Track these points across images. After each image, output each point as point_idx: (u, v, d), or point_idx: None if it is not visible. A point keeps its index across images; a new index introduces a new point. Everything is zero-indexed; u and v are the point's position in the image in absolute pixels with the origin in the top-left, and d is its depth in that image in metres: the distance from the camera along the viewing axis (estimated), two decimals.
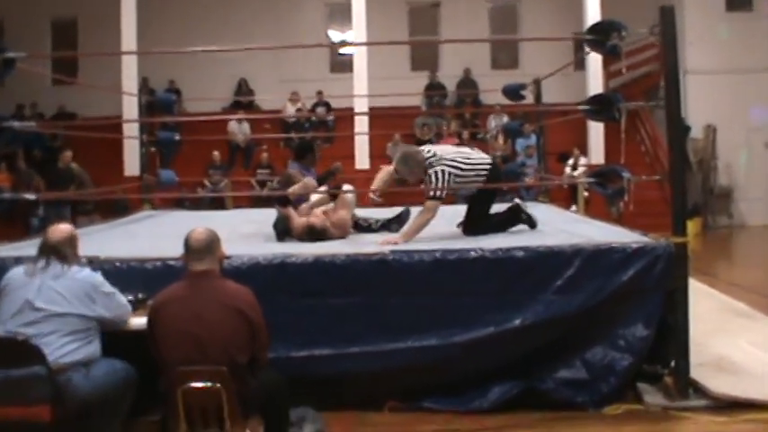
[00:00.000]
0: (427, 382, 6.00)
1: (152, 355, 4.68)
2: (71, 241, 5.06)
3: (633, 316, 5.99)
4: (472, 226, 7.10)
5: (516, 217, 7.38)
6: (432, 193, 6.87)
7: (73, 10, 22.23)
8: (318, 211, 7.37)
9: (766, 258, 16.13)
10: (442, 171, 6.85)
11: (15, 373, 4.51)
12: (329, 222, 7.24)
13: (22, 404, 4.49)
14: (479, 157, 7.22)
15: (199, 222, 5.14)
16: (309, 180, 7.92)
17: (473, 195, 7.30)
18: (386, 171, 7.62)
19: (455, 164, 6.93)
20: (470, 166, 7.02)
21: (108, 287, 5.01)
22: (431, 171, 6.87)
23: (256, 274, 5.80)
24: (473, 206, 7.27)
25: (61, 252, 4.93)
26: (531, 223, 7.36)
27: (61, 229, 5.11)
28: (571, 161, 18.18)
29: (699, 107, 19.76)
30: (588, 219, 9.24)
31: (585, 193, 15.92)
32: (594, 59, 17.38)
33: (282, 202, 7.37)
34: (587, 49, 7.23)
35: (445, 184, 6.84)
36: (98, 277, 5.02)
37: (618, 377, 5.92)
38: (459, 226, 7.25)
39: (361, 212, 8.18)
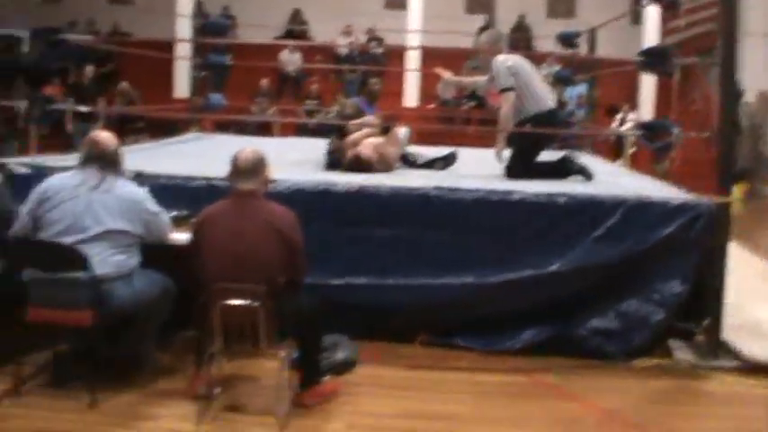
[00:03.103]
0: (460, 320, 6.06)
1: (193, 270, 4.77)
2: (116, 149, 5.09)
3: (670, 271, 5.97)
4: (515, 169, 7.06)
5: (564, 169, 7.25)
6: (501, 87, 7.04)
7: None
8: (368, 143, 7.37)
9: None
10: (504, 63, 7.04)
11: (60, 278, 4.63)
12: (377, 156, 7.26)
13: (66, 308, 4.63)
14: (545, 91, 7.28)
15: (246, 146, 5.19)
16: (369, 117, 7.95)
17: (518, 138, 7.26)
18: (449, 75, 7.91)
19: (518, 67, 7.06)
20: (530, 89, 7.07)
21: (153, 205, 5.08)
22: (499, 63, 7.03)
23: (299, 200, 5.83)
24: (518, 150, 7.23)
25: (111, 161, 4.98)
26: (587, 174, 7.17)
27: (106, 135, 5.15)
28: (620, 116, 17.98)
29: (755, 72, 19.37)
30: (634, 173, 9.19)
31: (632, 149, 15.78)
32: (652, 15, 17.12)
33: (340, 132, 7.40)
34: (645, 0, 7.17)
35: (509, 76, 6.98)
36: (143, 194, 5.09)
37: (650, 331, 5.93)
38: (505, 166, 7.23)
39: (411, 149, 8.19)
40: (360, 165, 7.09)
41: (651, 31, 17.95)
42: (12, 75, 18.66)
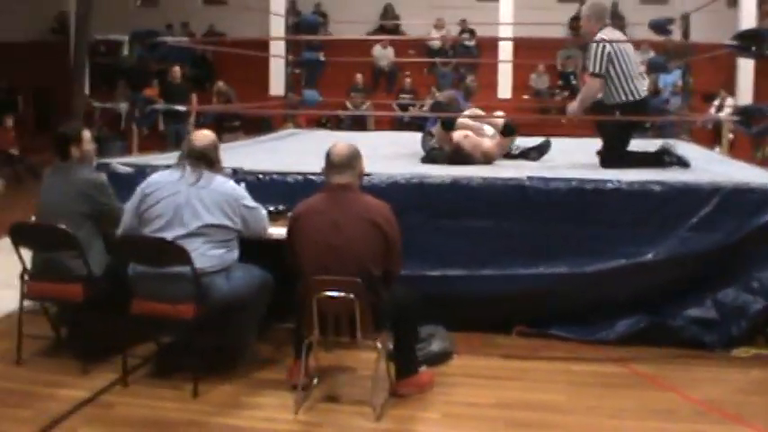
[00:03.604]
0: (556, 310, 6.05)
1: (290, 263, 4.88)
2: (215, 147, 5.22)
3: None
4: (610, 158, 7.00)
5: (661, 159, 7.12)
6: (591, 70, 6.95)
7: None
8: (472, 136, 7.41)
9: None
10: (603, 48, 6.88)
11: (164, 272, 4.80)
12: (481, 148, 7.31)
13: (169, 301, 4.80)
14: (639, 80, 7.13)
15: (339, 140, 5.27)
16: (475, 110, 8.00)
17: (608, 127, 7.16)
18: None
19: (617, 52, 6.90)
20: (625, 75, 6.94)
21: (250, 200, 5.20)
22: (597, 46, 6.91)
23: (394, 192, 5.90)
24: (608, 137, 7.17)
25: (207, 157, 5.10)
26: (684, 164, 7.06)
27: (205, 134, 5.29)
28: (717, 102, 17.65)
29: None
30: (730, 159, 9.05)
31: (730, 135, 15.49)
32: None
33: (447, 124, 7.45)
34: None
35: (603, 62, 6.86)
36: (241, 190, 5.22)
37: (749, 320, 5.82)
38: (598, 154, 7.18)
39: None
40: (460, 156, 7.15)
41: (748, 15, 17.53)
42: (114, 78, 19.19)
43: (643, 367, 5.48)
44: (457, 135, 7.32)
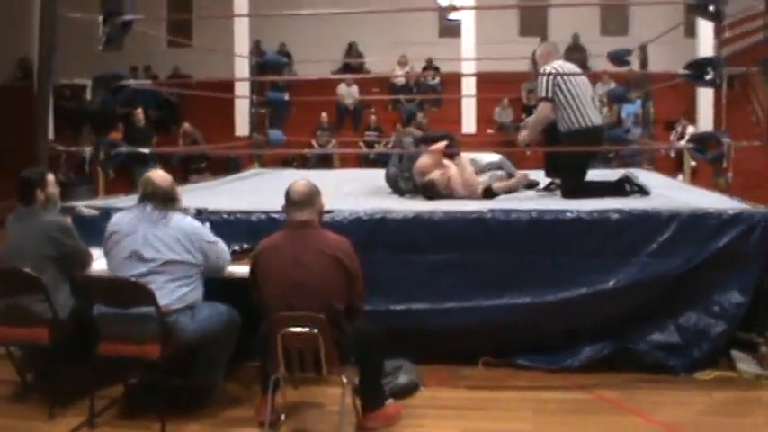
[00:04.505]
0: (520, 340, 6.10)
1: (255, 301, 4.92)
2: (170, 186, 5.24)
3: (729, 282, 5.96)
4: (570, 188, 7.11)
5: (623, 188, 7.24)
6: (539, 95, 7.17)
7: None
8: (440, 173, 7.43)
9: None
10: (552, 77, 7.09)
11: (129, 312, 4.82)
12: (456, 181, 7.37)
13: (135, 341, 4.81)
14: (592, 108, 7.26)
15: (299, 178, 5.33)
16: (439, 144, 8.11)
17: (564, 155, 7.25)
18: None
19: (565, 79, 7.11)
20: (576, 102, 7.11)
21: (210, 235, 5.26)
22: (543, 72, 7.15)
23: (357, 228, 5.97)
24: (566, 167, 7.27)
25: (161, 197, 5.13)
26: (644, 192, 7.19)
27: (160, 174, 5.32)
28: (678, 130, 17.86)
29: None
30: (690, 186, 9.17)
31: (693, 163, 15.65)
32: (705, 27, 16.97)
33: (401, 159, 7.55)
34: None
35: (550, 86, 7.06)
36: (200, 226, 5.27)
37: (711, 343, 5.91)
38: (547, 188, 7.25)
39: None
40: (432, 191, 7.24)
41: (705, 44, 17.78)
42: (78, 122, 19.17)
43: (608, 393, 5.54)
44: (419, 169, 7.39)
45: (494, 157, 7.93)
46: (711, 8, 6.53)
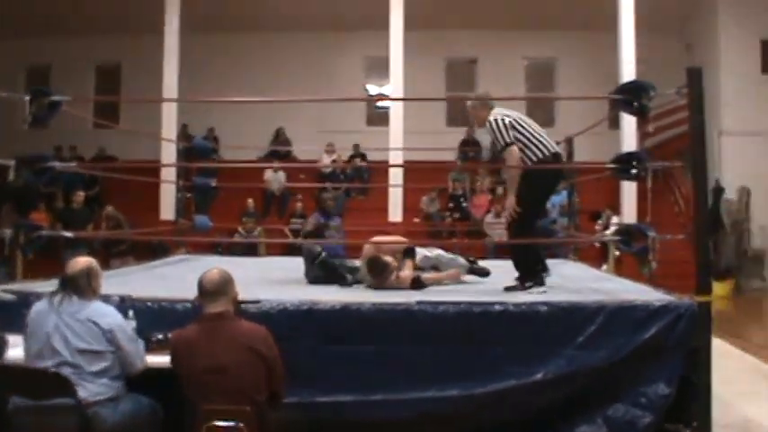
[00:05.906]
0: None
1: (177, 393, 4.80)
2: (88, 274, 5.13)
3: (655, 374, 5.98)
4: (517, 228, 7.26)
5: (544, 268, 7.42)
6: (502, 143, 7.16)
7: (117, 56, 22.77)
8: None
9: None
10: (501, 120, 7.18)
11: (46, 405, 4.65)
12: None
13: None
14: (545, 137, 7.37)
15: (231, 267, 5.26)
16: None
17: (525, 190, 7.22)
18: None
19: (514, 119, 7.22)
20: (533, 136, 7.24)
21: (128, 330, 5.15)
22: (495, 120, 7.20)
23: (284, 319, 5.89)
24: (523, 203, 7.21)
25: (78, 285, 5.03)
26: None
27: (79, 261, 5.21)
28: (602, 220, 18.12)
29: (734, 169, 19.71)
30: (615, 277, 9.26)
31: (617, 253, 15.84)
32: (629, 120, 17.37)
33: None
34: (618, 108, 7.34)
35: (508, 130, 7.13)
36: (119, 318, 5.13)
37: None
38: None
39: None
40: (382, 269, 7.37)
41: (629, 136, 18.21)
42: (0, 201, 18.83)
43: None
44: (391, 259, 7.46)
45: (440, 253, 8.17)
46: (636, 104, 6.68)
